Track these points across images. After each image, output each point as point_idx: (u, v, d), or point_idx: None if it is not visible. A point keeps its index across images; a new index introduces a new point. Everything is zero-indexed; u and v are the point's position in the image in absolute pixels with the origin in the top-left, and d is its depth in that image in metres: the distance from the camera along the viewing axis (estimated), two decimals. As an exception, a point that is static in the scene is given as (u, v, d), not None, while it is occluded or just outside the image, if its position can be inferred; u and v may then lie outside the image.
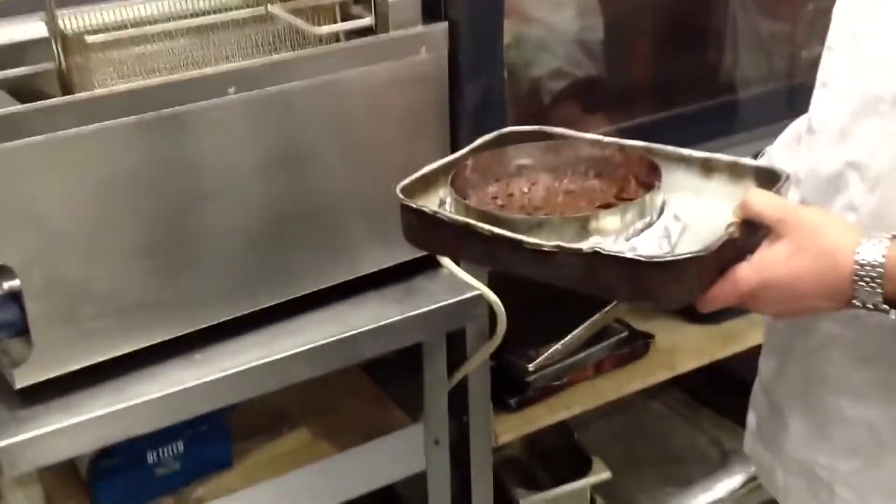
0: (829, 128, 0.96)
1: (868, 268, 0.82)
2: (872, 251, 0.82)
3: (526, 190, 1.04)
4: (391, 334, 1.25)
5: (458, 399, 1.45)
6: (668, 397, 2.04)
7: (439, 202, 1.03)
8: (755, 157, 1.30)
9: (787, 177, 0.95)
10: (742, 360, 1.51)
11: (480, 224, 0.93)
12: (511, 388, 1.55)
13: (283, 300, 1.23)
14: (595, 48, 1.60)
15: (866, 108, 0.91)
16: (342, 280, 1.28)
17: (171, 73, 1.13)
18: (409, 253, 1.29)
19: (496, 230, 0.92)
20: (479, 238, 0.93)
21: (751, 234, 0.89)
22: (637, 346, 1.65)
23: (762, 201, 0.88)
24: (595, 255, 0.87)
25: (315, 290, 1.26)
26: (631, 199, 0.99)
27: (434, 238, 0.99)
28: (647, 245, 0.93)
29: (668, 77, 1.63)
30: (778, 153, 1.22)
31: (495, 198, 1.04)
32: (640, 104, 1.61)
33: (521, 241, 0.90)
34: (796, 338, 1.04)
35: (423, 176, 1.04)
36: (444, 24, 1.26)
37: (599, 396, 1.60)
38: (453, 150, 1.31)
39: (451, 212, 0.99)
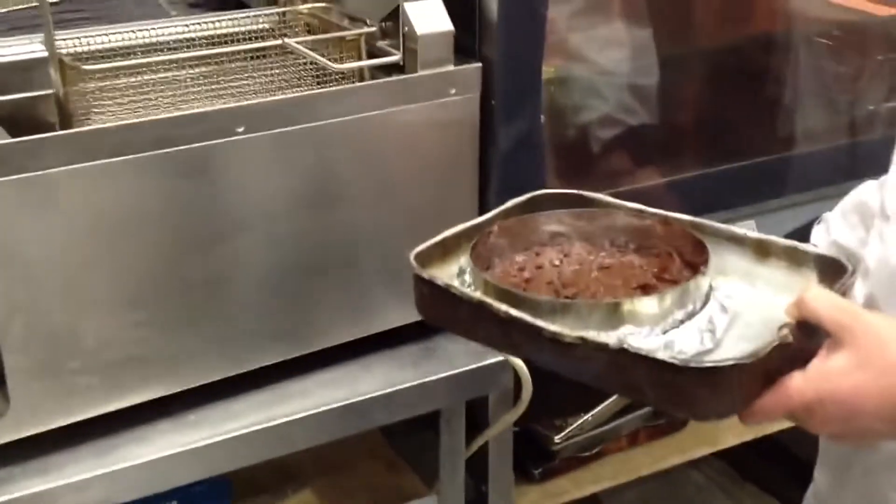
0: None
1: None
2: None
3: (557, 262, 0.93)
4: (405, 402, 1.15)
5: (479, 466, 1.34)
6: (707, 467, 1.90)
7: (458, 271, 0.92)
8: (813, 223, 1.19)
9: (853, 271, 0.83)
10: (794, 431, 1.39)
11: (496, 304, 0.82)
12: (536, 457, 1.44)
13: (290, 358, 1.13)
14: (648, 93, 1.49)
15: None
16: (356, 338, 1.17)
17: (174, 107, 1.04)
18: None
19: (513, 312, 0.80)
20: (495, 319, 0.81)
21: (807, 337, 0.77)
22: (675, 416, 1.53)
23: (822, 302, 0.76)
24: (622, 351, 0.75)
25: (325, 347, 1.15)
26: (673, 281, 0.88)
27: (447, 313, 0.87)
28: (687, 340, 0.81)
29: (725, 128, 1.52)
30: (836, 223, 1.09)
31: (522, 269, 0.92)
32: (692, 156, 1.49)
33: (539, 328, 0.79)
34: (857, 453, 0.91)
35: (443, 241, 0.93)
36: (478, 65, 1.16)
37: (632, 470, 1.49)
38: (482, 202, 1.22)
39: (469, 285, 0.88)
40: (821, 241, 1.11)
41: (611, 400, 1.24)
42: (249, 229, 1.07)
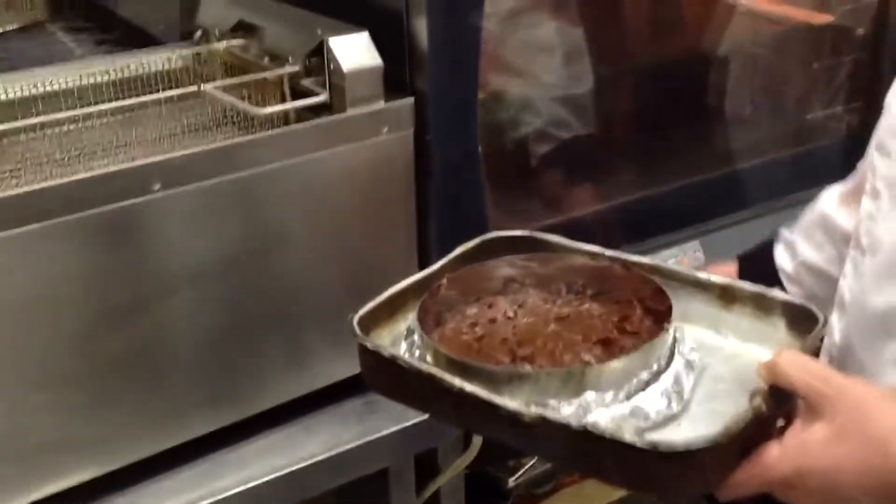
0: (885, 253, 0.79)
1: None
2: None
3: (511, 314, 0.87)
4: (351, 463, 1.08)
5: (431, 511, 1.27)
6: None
7: (406, 331, 0.85)
8: (762, 239, 1.15)
9: (825, 321, 0.79)
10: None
11: (448, 377, 0.75)
12: (490, 499, 1.38)
13: (224, 426, 1.05)
14: (584, 112, 1.44)
15: None
16: (295, 396, 1.10)
17: (81, 164, 0.95)
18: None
19: (467, 388, 0.74)
20: (447, 393, 0.75)
21: (779, 402, 0.72)
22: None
23: (796, 368, 0.71)
24: (584, 432, 0.69)
25: (262, 410, 1.08)
26: (634, 333, 0.82)
27: (395, 385, 0.81)
28: (653, 404, 0.75)
29: (664, 147, 1.47)
30: (801, 244, 1.05)
31: (474, 324, 0.86)
32: (632, 179, 1.45)
33: (496, 406, 0.72)
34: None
35: (389, 299, 0.86)
36: (410, 99, 1.09)
37: (587, 502, 1.44)
38: (422, 240, 1.16)
39: (419, 347, 0.82)
40: (787, 264, 1.06)
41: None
42: (175, 292, 0.98)
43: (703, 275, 0.87)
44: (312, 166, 1.03)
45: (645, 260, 0.88)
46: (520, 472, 1.34)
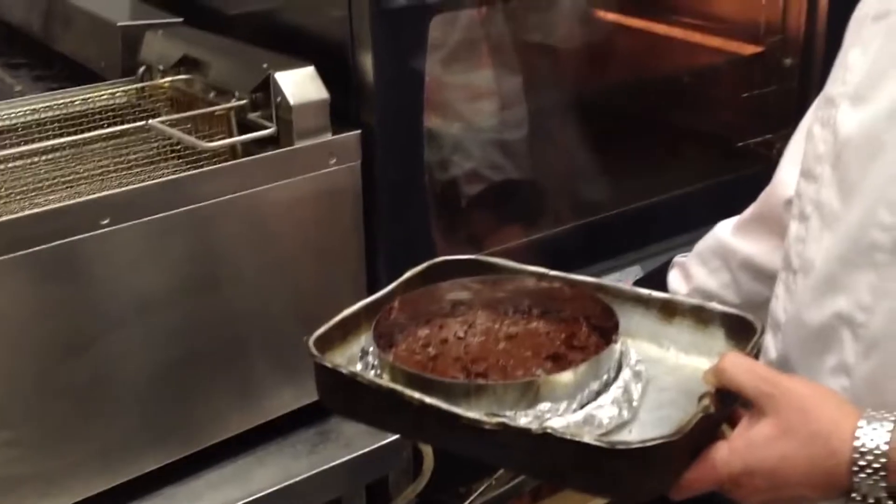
0: (817, 271, 0.83)
1: (870, 456, 0.69)
2: (874, 436, 0.69)
3: (462, 334, 0.89)
4: (304, 494, 1.08)
5: (382, 543, 1.27)
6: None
7: (360, 353, 0.86)
8: (664, 266, 1.19)
9: (763, 330, 0.82)
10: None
11: (407, 391, 0.77)
12: (441, 526, 1.38)
13: (175, 459, 1.05)
14: (519, 146, 1.47)
15: (860, 256, 0.78)
16: (246, 428, 1.10)
17: (28, 200, 0.95)
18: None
19: (427, 400, 0.76)
20: (407, 408, 0.77)
21: (725, 404, 0.75)
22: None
23: (741, 370, 0.74)
24: (545, 436, 0.72)
25: (214, 443, 1.07)
26: (582, 348, 0.85)
27: (353, 403, 0.82)
28: (605, 412, 0.78)
29: (600, 176, 1.51)
30: (696, 269, 1.10)
31: (427, 345, 0.88)
32: (569, 208, 1.48)
33: (456, 416, 0.74)
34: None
35: (342, 321, 0.87)
36: (357, 132, 1.11)
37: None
38: (371, 270, 1.17)
39: (374, 366, 0.83)
40: (680, 287, 1.11)
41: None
42: (124, 326, 0.98)
43: (644, 291, 0.90)
44: (261, 198, 1.04)
45: (589, 279, 0.91)
46: (470, 499, 1.34)
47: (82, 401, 0.97)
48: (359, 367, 0.84)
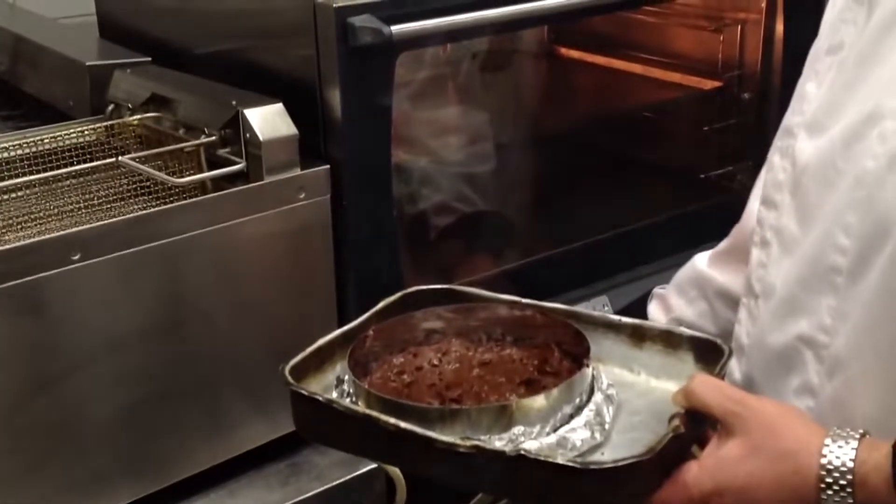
0: (779, 295, 0.85)
1: (836, 473, 0.70)
2: (840, 453, 0.71)
3: (436, 362, 0.90)
4: (276, 527, 1.08)
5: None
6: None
7: (336, 381, 0.87)
8: (643, 297, 1.21)
9: (730, 353, 0.84)
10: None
11: (384, 417, 0.78)
12: (414, 560, 1.38)
13: (147, 494, 1.05)
14: (486, 179, 1.49)
15: (819, 280, 0.81)
16: (217, 462, 1.10)
17: None
18: (292, 423, 1.13)
19: (403, 425, 0.77)
20: (383, 433, 0.78)
21: (695, 424, 0.77)
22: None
23: (709, 390, 0.76)
24: (520, 458, 0.73)
25: (185, 477, 1.07)
26: (555, 373, 0.87)
27: (330, 431, 0.83)
28: (578, 435, 0.80)
29: (568, 208, 1.54)
30: (674, 300, 1.12)
31: (401, 372, 0.89)
32: (536, 239, 1.50)
33: (431, 440, 0.75)
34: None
35: (317, 350, 0.88)
36: (326, 166, 1.13)
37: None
38: (341, 304, 1.18)
39: (349, 395, 0.84)
40: (660, 317, 1.13)
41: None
42: (95, 362, 0.98)
43: (615, 317, 0.92)
44: (231, 233, 1.05)
45: (561, 306, 0.93)
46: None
47: (53, 437, 0.97)
48: (334, 394, 0.85)
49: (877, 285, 0.77)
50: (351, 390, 0.84)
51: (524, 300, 0.94)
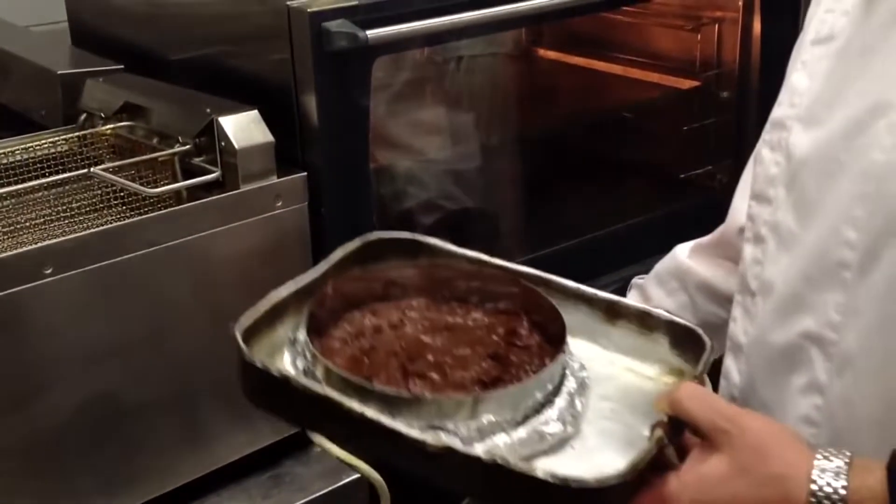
0: (778, 292, 0.83)
1: (827, 501, 0.68)
2: (831, 479, 0.68)
3: (397, 323, 0.85)
4: (258, 542, 1.06)
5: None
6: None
7: (290, 340, 0.81)
8: (622, 287, 1.20)
9: (711, 347, 0.80)
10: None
11: (346, 402, 0.72)
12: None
13: (124, 511, 1.03)
14: (470, 179, 1.48)
15: (825, 275, 0.78)
16: (197, 476, 1.08)
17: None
18: (273, 434, 1.12)
19: (368, 413, 0.71)
20: (346, 418, 0.71)
21: (677, 430, 0.74)
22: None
23: (697, 403, 0.73)
24: (495, 466, 0.69)
25: (165, 492, 1.06)
26: (524, 347, 0.82)
27: (284, 406, 0.76)
28: (551, 429, 0.76)
29: (551, 209, 1.53)
30: (654, 291, 1.10)
31: (360, 335, 0.82)
32: (518, 240, 1.49)
33: (399, 434, 0.70)
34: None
35: (271, 308, 0.81)
36: (303, 174, 1.11)
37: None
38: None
39: (305, 357, 0.78)
40: None
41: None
42: (69, 376, 0.97)
43: (590, 290, 0.87)
44: (207, 244, 1.04)
45: (532, 271, 0.88)
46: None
47: (28, 453, 0.95)
48: (287, 357, 0.79)
49: (888, 279, 0.74)
50: (308, 356, 0.78)
51: (493, 259, 0.89)
